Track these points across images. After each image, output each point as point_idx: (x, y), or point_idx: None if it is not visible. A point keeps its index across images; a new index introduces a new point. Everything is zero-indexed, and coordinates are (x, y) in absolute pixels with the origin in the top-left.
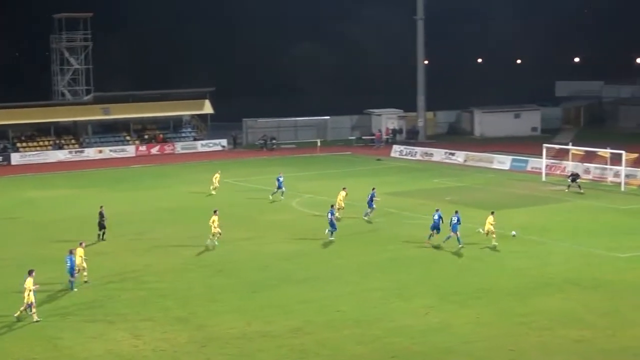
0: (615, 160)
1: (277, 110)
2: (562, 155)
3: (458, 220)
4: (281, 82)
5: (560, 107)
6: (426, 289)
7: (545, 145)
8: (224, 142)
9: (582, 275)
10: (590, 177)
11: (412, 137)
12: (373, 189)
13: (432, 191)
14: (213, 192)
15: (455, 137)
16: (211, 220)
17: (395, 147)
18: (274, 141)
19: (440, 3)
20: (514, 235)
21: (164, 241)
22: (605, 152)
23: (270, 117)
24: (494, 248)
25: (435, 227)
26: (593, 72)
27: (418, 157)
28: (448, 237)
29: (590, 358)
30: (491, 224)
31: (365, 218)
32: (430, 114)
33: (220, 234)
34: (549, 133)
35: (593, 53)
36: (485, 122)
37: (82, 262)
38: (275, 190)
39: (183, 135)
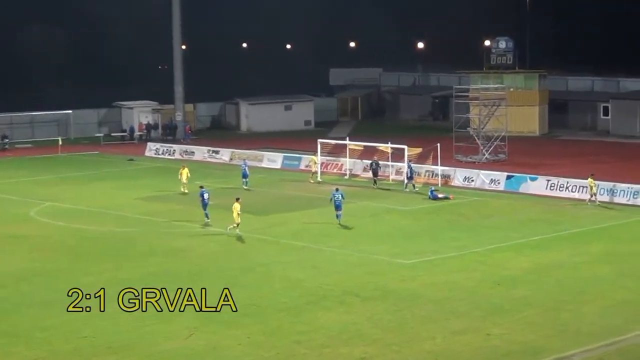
0: (397, 155)
1: (8, 105)
2: (338, 151)
3: (342, 196)
4: (10, 71)
5: (336, 98)
6: (189, 308)
7: (320, 140)
8: None
9: (364, 285)
10: (369, 174)
11: (169, 134)
12: (410, 160)
13: (194, 195)
14: (185, 191)
15: (219, 132)
16: (234, 208)
17: (150, 145)
18: (6, 140)
19: None
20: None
21: None
22: (387, 147)
23: (0, 112)
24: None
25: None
26: (370, 58)
27: (177, 155)
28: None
29: None
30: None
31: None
32: (189, 107)
33: (238, 224)
34: (324, 127)
35: (370, 37)
36: (253, 115)
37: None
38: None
39: None
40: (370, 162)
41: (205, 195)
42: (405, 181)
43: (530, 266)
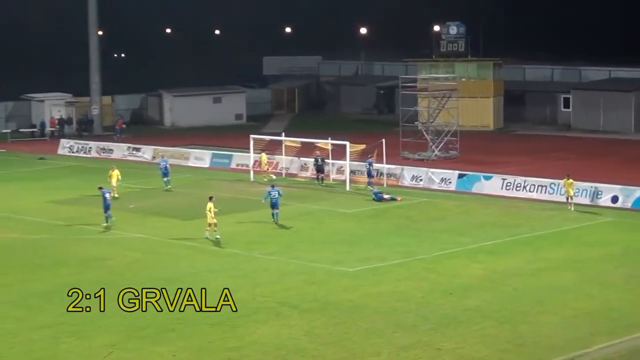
0: (339, 152)
1: None
2: (273, 148)
3: (278, 193)
4: None
5: (270, 89)
6: (109, 323)
7: (252, 136)
8: None
9: (303, 296)
10: (308, 174)
11: (84, 129)
12: (371, 156)
13: (124, 199)
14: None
15: (141, 127)
16: (207, 208)
17: (64, 142)
18: None
19: None
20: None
21: None
22: (327, 143)
23: None
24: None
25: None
26: (308, 45)
27: (93, 153)
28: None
29: None
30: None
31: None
32: (107, 99)
33: (216, 224)
34: (258, 121)
35: (307, 22)
36: (178, 108)
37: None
38: None
39: None
40: (314, 158)
41: (107, 196)
42: (367, 180)
43: (484, 274)
